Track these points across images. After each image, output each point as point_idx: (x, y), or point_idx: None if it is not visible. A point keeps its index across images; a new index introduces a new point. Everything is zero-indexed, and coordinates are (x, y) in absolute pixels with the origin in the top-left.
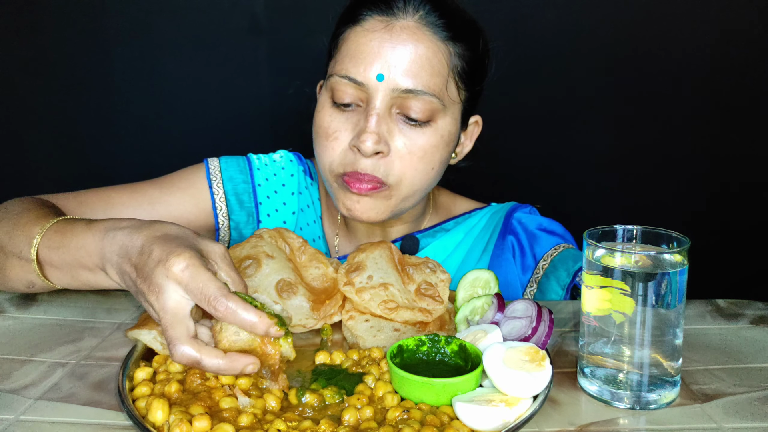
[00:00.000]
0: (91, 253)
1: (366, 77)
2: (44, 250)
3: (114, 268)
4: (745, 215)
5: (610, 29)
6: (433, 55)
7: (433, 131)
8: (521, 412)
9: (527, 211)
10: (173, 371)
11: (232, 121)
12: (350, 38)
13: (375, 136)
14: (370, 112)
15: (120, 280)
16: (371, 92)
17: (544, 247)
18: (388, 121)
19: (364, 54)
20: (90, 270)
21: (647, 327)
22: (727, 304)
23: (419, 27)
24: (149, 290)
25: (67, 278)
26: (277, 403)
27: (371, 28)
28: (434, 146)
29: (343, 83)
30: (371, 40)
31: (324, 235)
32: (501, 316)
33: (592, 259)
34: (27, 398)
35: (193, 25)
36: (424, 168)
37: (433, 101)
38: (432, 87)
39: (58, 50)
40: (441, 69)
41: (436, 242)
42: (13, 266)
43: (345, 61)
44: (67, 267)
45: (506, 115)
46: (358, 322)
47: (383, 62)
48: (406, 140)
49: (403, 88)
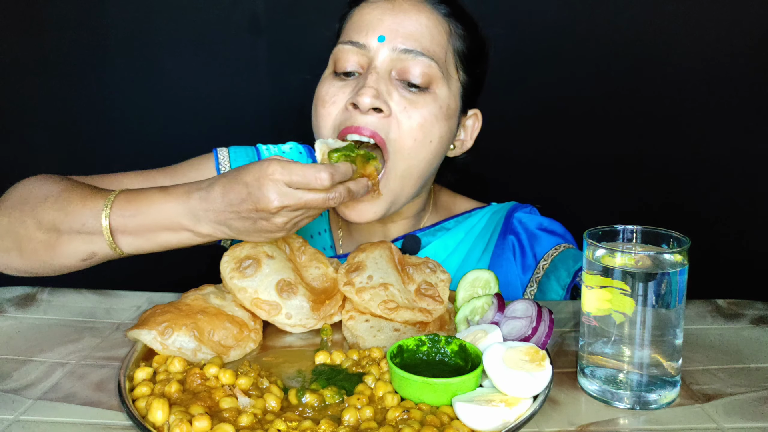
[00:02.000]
0: (177, 215)
1: (367, 40)
2: (118, 218)
3: (208, 224)
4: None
5: (610, 29)
6: (433, 26)
7: (432, 99)
8: (521, 412)
9: (528, 211)
10: (173, 371)
11: (232, 120)
12: (354, 14)
13: (373, 91)
14: (369, 71)
15: (213, 232)
16: (371, 54)
17: (544, 247)
18: (388, 84)
19: (366, 22)
20: (173, 231)
21: (647, 327)
22: (727, 304)
23: (421, 2)
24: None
25: (141, 242)
26: (277, 403)
27: (375, 1)
28: (433, 115)
29: (345, 50)
30: (374, 9)
31: (330, 228)
32: (501, 316)
33: (592, 259)
34: (27, 398)
35: (194, 24)
36: (423, 138)
37: (431, 65)
38: (431, 52)
39: (57, 50)
40: (440, 39)
41: (437, 241)
42: (71, 241)
43: (349, 32)
44: (143, 231)
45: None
46: (358, 322)
47: (385, 27)
48: (406, 104)
49: (402, 48)
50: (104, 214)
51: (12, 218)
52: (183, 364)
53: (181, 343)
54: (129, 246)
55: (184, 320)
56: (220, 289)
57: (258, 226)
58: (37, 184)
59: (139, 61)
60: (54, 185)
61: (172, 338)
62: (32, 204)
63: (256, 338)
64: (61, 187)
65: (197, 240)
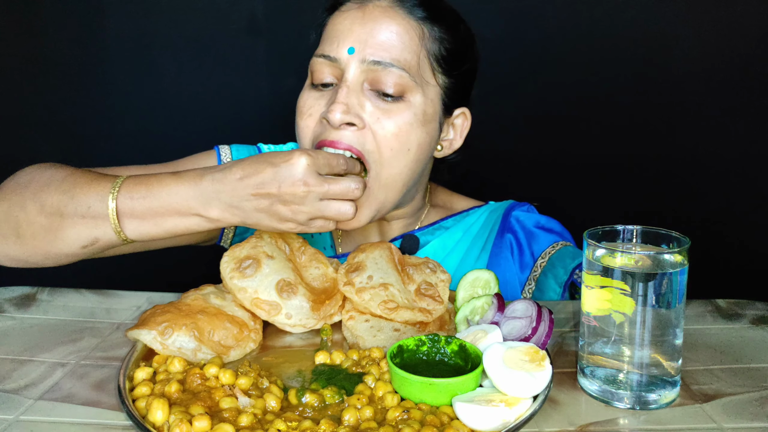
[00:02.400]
0: (187, 197)
1: (338, 52)
2: (126, 201)
3: (219, 205)
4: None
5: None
6: (404, 32)
7: (405, 106)
8: (521, 412)
9: (525, 210)
10: (173, 371)
11: (230, 120)
12: (328, 24)
13: (343, 106)
14: (340, 85)
15: (222, 215)
16: (343, 66)
17: (542, 245)
18: (360, 95)
19: (337, 32)
20: (181, 215)
21: (647, 327)
22: (727, 304)
23: (392, 7)
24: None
25: (147, 226)
26: (277, 403)
27: (346, 10)
28: (408, 123)
29: (319, 62)
30: (345, 19)
31: (330, 231)
32: (501, 316)
33: (592, 259)
34: (27, 398)
35: (192, 25)
36: (400, 147)
37: (403, 75)
38: (402, 61)
39: (57, 50)
40: (412, 46)
41: (436, 240)
42: (73, 225)
43: (323, 43)
44: (152, 215)
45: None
46: (358, 322)
47: (354, 38)
48: (380, 114)
49: (372, 60)
50: (111, 197)
51: (12, 203)
52: (183, 364)
53: (181, 343)
54: (134, 231)
55: (184, 320)
56: (220, 289)
57: (273, 210)
58: (39, 170)
59: (139, 61)
60: (58, 171)
61: (172, 338)
62: (34, 188)
63: (256, 338)
64: (65, 172)
65: (206, 225)
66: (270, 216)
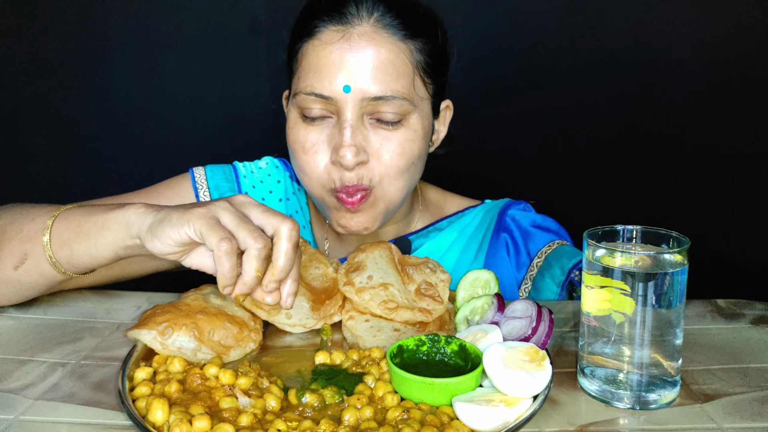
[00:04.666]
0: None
1: (332, 90)
2: (62, 216)
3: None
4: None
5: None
6: (395, 57)
7: (405, 129)
8: (521, 412)
9: (521, 208)
10: (173, 371)
11: (232, 122)
12: (309, 53)
13: (353, 149)
14: (343, 125)
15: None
16: (340, 104)
17: (538, 244)
18: (362, 129)
19: (326, 68)
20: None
21: (647, 327)
22: (727, 304)
23: (376, 30)
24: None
25: (68, 234)
26: (277, 403)
27: (328, 39)
28: (410, 141)
29: (309, 100)
30: (331, 53)
31: (314, 240)
32: (501, 316)
33: (592, 259)
34: (27, 398)
35: (193, 25)
36: (405, 164)
37: (403, 104)
38: (400, 90)
39: (57, 50)
40: (405, 69)
41: (430, 242)
42: (9, 242)
43: (308, 77)
44: (77, 225)
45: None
46: (358, 322)
47: (347, 73)
48: (383, 141)
49: (371, 96)
50: (53, 216)
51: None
52: (183, 364)
53: (181, 343)
54: (56, 241)
55: (184, 320)
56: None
57: (186, 209)
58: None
59: (139, 62)
60: (18, 206)
61: (172, 338)
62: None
63: (256, 338)
64: (22, 206)
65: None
66: (180, 212)
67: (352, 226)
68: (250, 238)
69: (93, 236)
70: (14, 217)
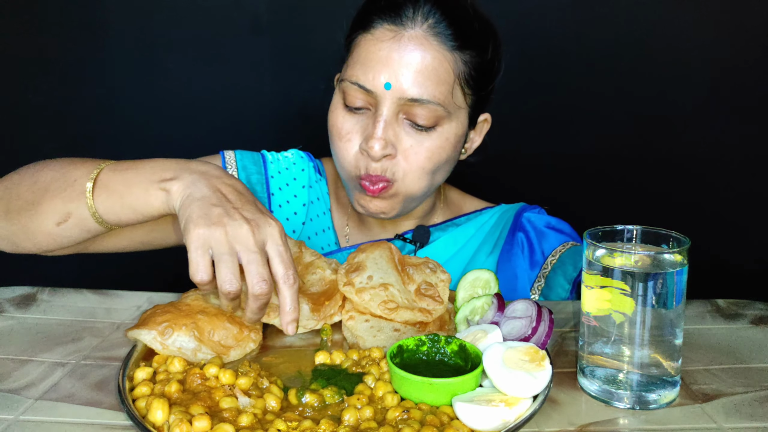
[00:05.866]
0: (165, 168)
1: (374, 85)
2: (108, 172)
3: (189, 176)
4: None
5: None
6: (439, 65)
7: (438, 135)
8: (521, 412)
9: (536, 212)
10: (173, 371)
11: (233, 121)
12: (361, 45)
13: (382, 142)
14: (377, 119)
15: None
16: (379, 99)
17: (552, 244)
18: (395, 126)
19: (372, 62)
20: (148, 186)
21: (647, 327)
22: (727, 304)
23: (426, 37)
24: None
25: (113, 200)
26: (277, 403)
27: (381, 36)
28: (440, 148)
29: (353, 89)
30: (380, 50)
31: (333, 226)
32: (501, 316)
33: (592, 259)
34: (27, 398)
35: (195, 25)
36: (430, 168)
37: (438, 109)
38: (437, 96)
39: (58, 50)
40: (447, 78)
41: (447, 236)
42: (52, 198)
43: (356, 67)
44: (122, 185)
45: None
46: (358, 322)
47: (391, 71)
48: (413, 143)
49: (408, 97)
50: (98, 169)
51: (12, 182)
52: (183, 364)
53: (181, 343)
54: (102, 204)
55: (184, 320)
56: None
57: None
58: (52, 161)
59: (140, 61)
60: (68, 159)
61: (172, 338)
62: (36, 168)
63: (256, 338)
64: (65, 160)
65: (160, 206)
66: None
67: (371, 209)
68: (225, 278)
69: (137, 208)
70: (55, 175)
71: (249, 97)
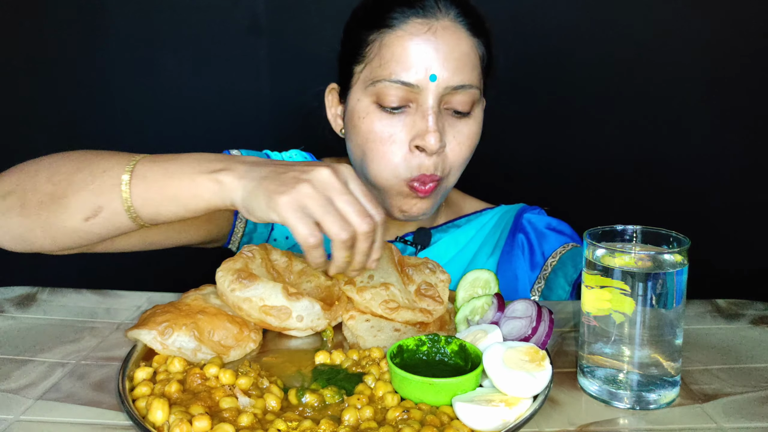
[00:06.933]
0: (212, 159)
1: (419, 79)
2: (147, 162)
3: (240, 166)
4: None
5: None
6: (470, 50)
7: (473, 120)
8: (521, 412)
9: (537, 213)
10: (173, 371)
11: (232, 121)
12: (392, 42)
13: (438, 134)
14: (426, 112)
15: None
16: (423, 92)
17: (552, 245)
18: (441, 117)
19: (413, 57)
20: (193, 176)
21: (647, 327)
22: (727, 304)
23: (455, 25)
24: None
25: (154, 190)
26: (277, 403)
27: (414, 31)
28: (475, 133)
29: (394, 87)
30: (418, 44)
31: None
32: (501, 316)
33: (592, 259)
34: (27, 398)
35: (193, 25)
36: (468, 156)
37: (475, 93)
38: (473, 80)
39: (57, 50)
40: (476, 62)
41: (448, 237)
42: (79, 191)
43: (391, 65)
44: (163, 176)
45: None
46: (358, 322)
47: (433, 63)
48: (456, 132)
49: (454, 86)
50: (134, 161)
51: (24, 173)
52: (183, 364)
53: (181, 343)
54: (140, 196)
55: (184, 320)
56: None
57: (287, 175)
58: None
59: (139, 61)
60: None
61: (172, 338)
62: (52, 159)
63: (256, 338)
64: (85, 151)
65: (209, 197)
66: (279, 176)
67: (414, 212)
68: (335, 229)
69: (182, 200)
70: (79, 165)
71: (248, 97)
